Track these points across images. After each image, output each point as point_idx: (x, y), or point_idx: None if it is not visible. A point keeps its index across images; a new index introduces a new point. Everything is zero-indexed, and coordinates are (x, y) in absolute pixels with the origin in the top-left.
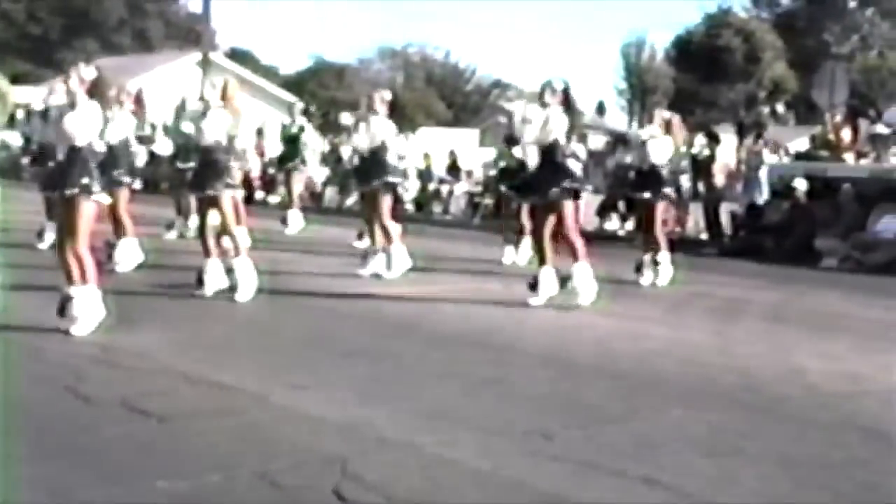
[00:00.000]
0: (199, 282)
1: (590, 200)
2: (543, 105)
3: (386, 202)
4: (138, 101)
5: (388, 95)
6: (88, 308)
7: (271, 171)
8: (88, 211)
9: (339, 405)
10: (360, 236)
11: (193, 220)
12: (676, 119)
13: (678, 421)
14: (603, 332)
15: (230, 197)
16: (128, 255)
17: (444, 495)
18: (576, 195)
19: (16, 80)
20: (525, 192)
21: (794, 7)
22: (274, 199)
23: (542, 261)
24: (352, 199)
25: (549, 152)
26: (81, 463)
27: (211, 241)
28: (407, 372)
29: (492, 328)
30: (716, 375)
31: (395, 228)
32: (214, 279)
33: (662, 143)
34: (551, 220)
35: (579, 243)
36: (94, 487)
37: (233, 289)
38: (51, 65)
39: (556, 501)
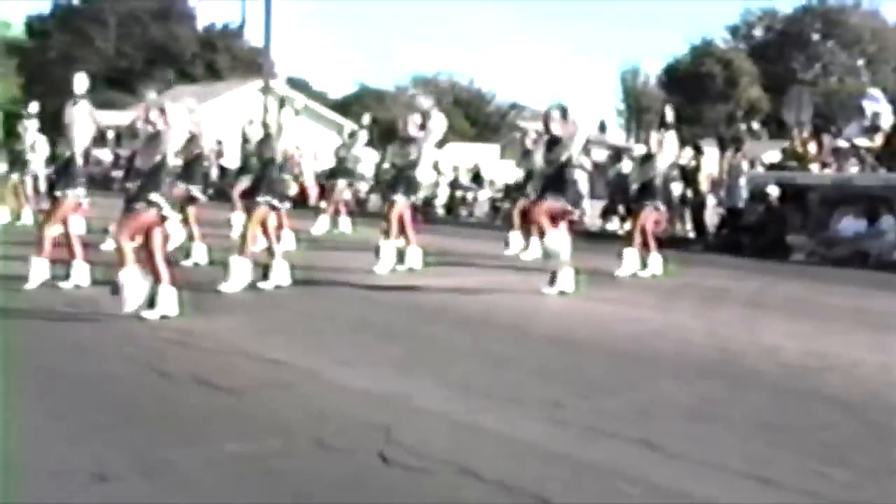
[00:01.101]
0: (265, 276)
1: (594, 204)
2: (547, 126)
3: (404, 211)
4: (205, 125)
5: (418, 119)
6: (166, 303)
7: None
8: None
9: (380, 379)
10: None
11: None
12: (669, 136)
13: (669, 392)
14: (604, 317)
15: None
16: (198, 255)
17: (471, 455)
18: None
19: (105, 105)
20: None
21: (767, 39)
22: (325, 205)
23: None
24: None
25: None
26: (161, 429)
27: (274, 243)
28: (438, 351)
29: (510, 313)
30: (702, 353)
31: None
32: (279, 275)
33: (657, 160)
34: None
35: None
36: (172, 449)
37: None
38: (134, 92)
39: (565, 459)
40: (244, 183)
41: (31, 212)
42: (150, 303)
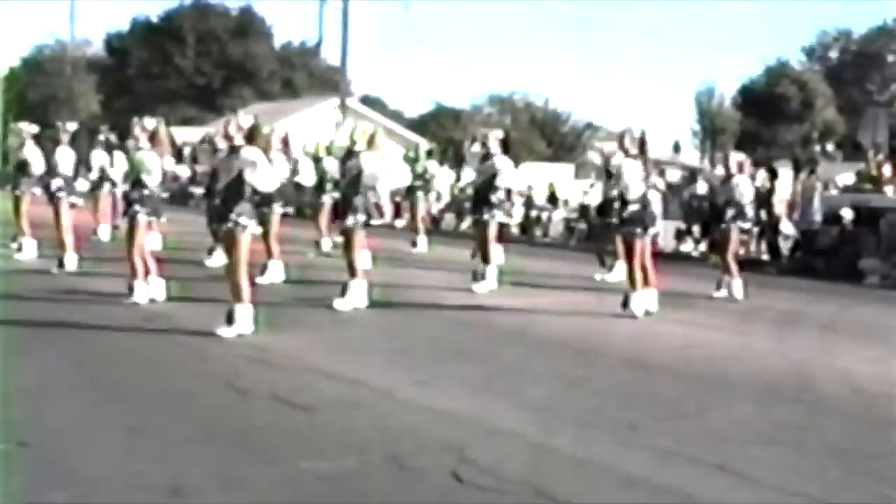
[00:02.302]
0: (342, 294)
1: (667, 226)
2: (623, 149)
3: (491, 230)
4: (286, 142)
5: (500, 134)
6: (242, 321)
7: (398, 199)
8: (244, 241)
9: (456, 399)
10: (473, 255)
11: (326, 242)
12: (747, 161)
13: (744, 416)
14: (679, 339)
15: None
16: (275, 273)
17: (546, 477)
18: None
19: (185, 122)
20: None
21: (843, 60)
22: (400, 223)
23: (632, 284)
24: (466, 223)
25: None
26: (238, 446)
27: (357, 264)
28: (514, 371)
29: (585, 335)
30: (777, 377)
31: (497, 251)
32: (356, 295)
33: (742, 182)
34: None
35: (650, 271)
36: (249, 466)
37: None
38: (213, 109)
39: (641, 483)
40: (328, 203)
41: (108, 227)
42: (228, 319)
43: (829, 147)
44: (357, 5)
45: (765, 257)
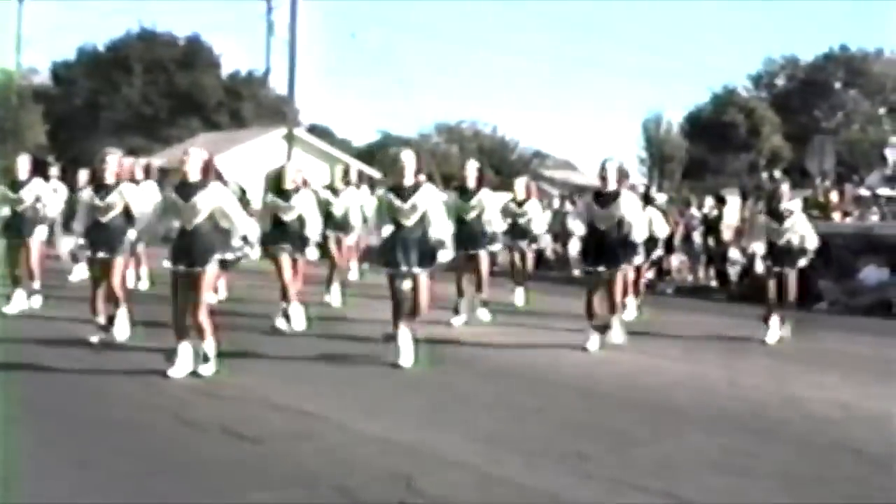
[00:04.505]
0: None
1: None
2: (603, 181)
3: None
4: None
5: (476, 165)
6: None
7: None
8: (209, 280)
9: (405, 429)
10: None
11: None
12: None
13: (694, 444)
14: (628, 368)
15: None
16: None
17: None
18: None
19: (132, 153)
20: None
21: (789, 88)
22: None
23: (612, 310)
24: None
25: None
26: (186, 478)
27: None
28: (462, 401)
29: (535, 364)
30: (726, 404)
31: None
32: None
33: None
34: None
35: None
36: (197, 499)
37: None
38: (160, 140)
39: None
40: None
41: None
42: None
43: (777, 174)
44: (304, 35)
45: (713, 284)
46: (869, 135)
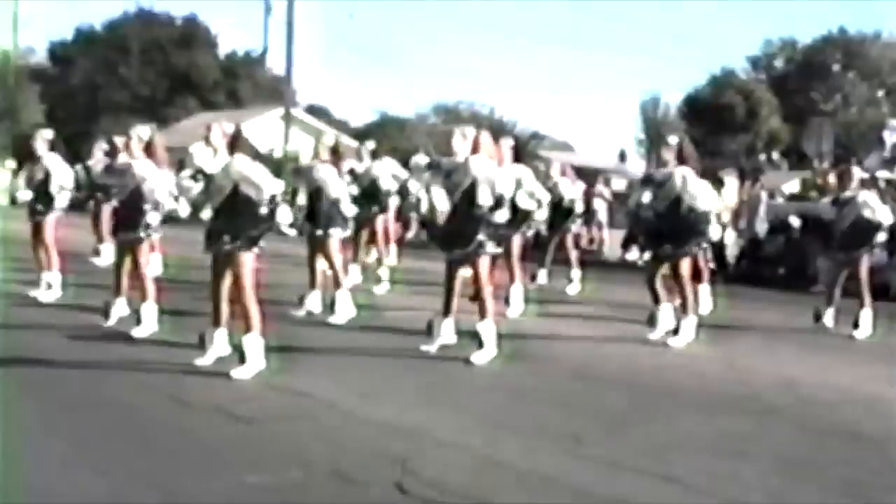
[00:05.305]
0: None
1: (613, 234)
2: (663, 161)
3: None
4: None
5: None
6: (253, 355)
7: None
8: (249, 263)
9: (400, 411)
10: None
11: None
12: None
13: (690, 426)
14: (624, 349)
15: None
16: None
17: (490, 489)
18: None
19: (128, 133)
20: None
21: (787, 70)
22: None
23: (656, 300)
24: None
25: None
26: (181, 459)
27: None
28: (458, 382)
29: (530, 345)
30: (722, 387)
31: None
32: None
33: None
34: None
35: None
36: (192, 480)
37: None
38: (157, 119)
39: (585, 495)
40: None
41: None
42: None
43: (775, 156)
44: (302, 15)
45: (711, 266)
46: (867, 117)
